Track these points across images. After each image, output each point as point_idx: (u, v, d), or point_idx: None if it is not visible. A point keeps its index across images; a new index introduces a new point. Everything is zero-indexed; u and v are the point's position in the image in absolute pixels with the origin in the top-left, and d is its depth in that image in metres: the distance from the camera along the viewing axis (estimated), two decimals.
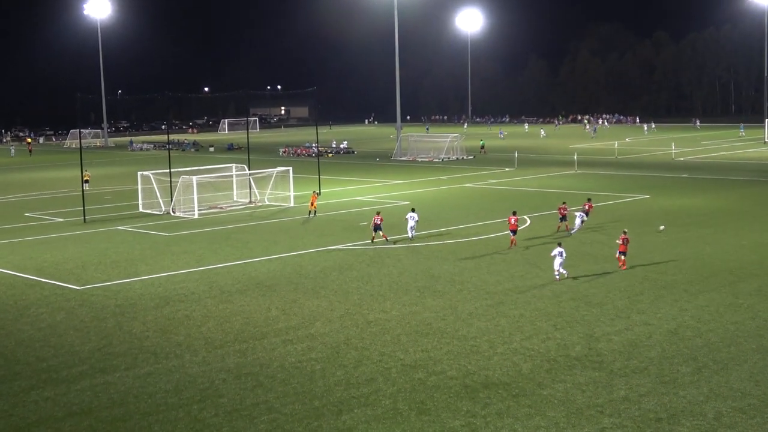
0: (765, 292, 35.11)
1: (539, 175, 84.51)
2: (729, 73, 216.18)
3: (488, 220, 55.41)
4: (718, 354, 27.37)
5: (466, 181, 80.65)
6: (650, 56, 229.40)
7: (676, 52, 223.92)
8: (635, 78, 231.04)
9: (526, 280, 38.32)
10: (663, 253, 43.62)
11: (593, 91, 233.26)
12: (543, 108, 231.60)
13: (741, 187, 70.52)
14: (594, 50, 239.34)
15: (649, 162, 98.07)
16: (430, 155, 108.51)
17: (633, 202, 63.62)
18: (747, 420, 22.21)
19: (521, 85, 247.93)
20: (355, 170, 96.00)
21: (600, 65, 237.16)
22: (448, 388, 24.98)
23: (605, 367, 26.37)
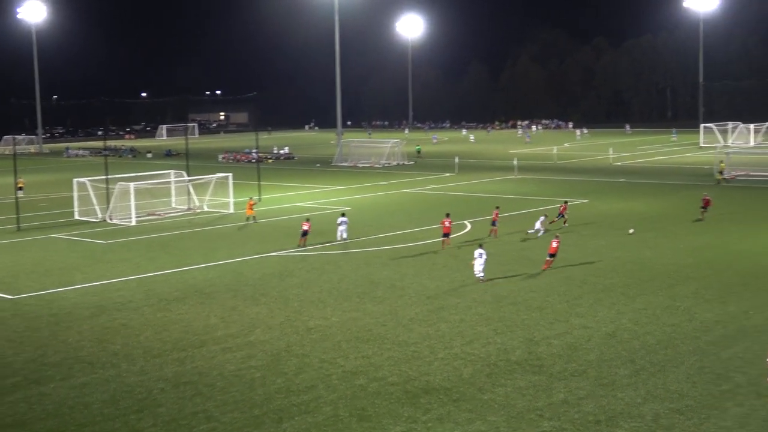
0: (701, 294, 35.63)
1: (480, 180, 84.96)
2: (665, 79, 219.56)
3: (429, 226, 55.43)
4: (656, 356, 27.67)
5: (407, 187, 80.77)
6: (590, 62, 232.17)
7: (615, 59, 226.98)
8: (575, 84, 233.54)
9: (466, 285, 38.39)
10: (601, 256, 44.07)
11: (534, 96, 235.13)
12: (484, 113, 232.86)
13: (677, 191, 71.60)
14: (534, 56, 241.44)
15: (587, 167, 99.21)
16: (371, 161, 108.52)
17: (572, 206, 64.11)
18: (684, 421, 22.46)
19: (462, 91, 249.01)
20: (296, 176, 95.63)
21: (540, 71, 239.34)
22: (389, 394, 24.89)
23: (545, 371, 26.50)
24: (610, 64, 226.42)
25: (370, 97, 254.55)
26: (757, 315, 32.30)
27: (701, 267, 41.17)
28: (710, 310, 33.13)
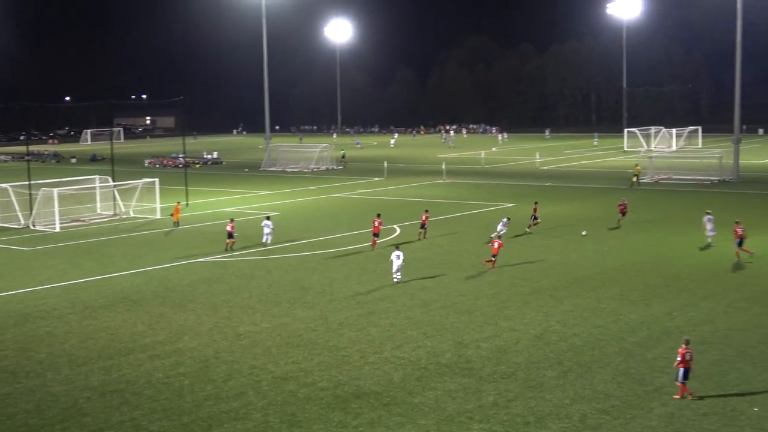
0: (626, 296, 36.26)
1: (409, 185, 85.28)
2: (590, 84, 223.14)
3: (358, 230, 55.48)
4: (583, 357, 28.07)
5: (336, 191, 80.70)
6: (516, 67, 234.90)
7: (541, 64, 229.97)
8: (502, 88, 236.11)
9: (396, 289, 38.50)
10: (529, 259, 44.55)
11: (461, 101, 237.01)
12: (412, 118, 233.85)
13: (602, 195, 72.77)
14: (462, 61, 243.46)
15: (514, 171, 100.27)
16: (300, 165, 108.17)
17: (500, 210, 64.80)
18: (611, 421, 22.82)
19: (390, 95, 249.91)
20: (224, 181, 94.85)
21: (467, 76, 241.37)
22: (320, 399, 24.83)
23: (474, 374, 26.69)
24: (536, 69, 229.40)
25: (299, 102, 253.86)
26: (680, 316, 32.98)
27: (626, 269, 41.91)
28: (635, 311, 33.74)
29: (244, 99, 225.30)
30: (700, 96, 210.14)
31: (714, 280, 38.96)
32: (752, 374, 26.16)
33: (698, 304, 34.65)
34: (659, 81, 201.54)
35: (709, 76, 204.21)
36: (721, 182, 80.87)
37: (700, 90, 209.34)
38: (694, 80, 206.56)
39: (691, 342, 27.89)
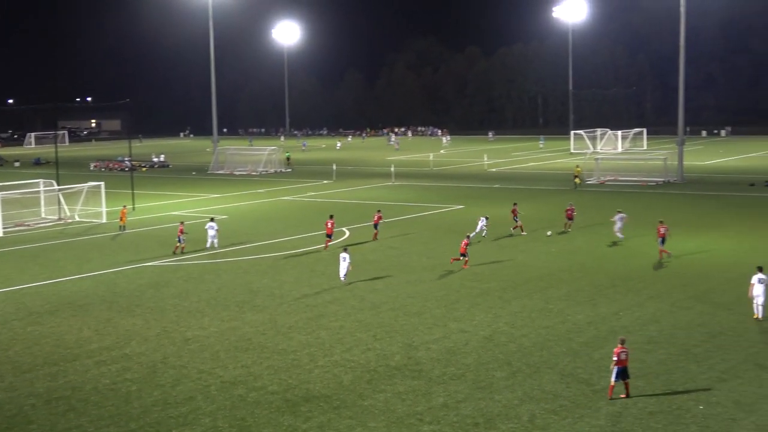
0: (573, 297, 36.62)
1: (358, 187, 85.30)
2: (537, 86, 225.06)
3: (308, 233, 55.39)
4: (531, 358, 28.29)
5: (284, 194, 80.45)
6: (463, 70, 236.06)
7: (488, 67, 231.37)
8: (449, 91, 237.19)
9: (345, 291, 38.48)
10: (477, 261, 44.78)
11: (409, 103, 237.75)
12: (360, 120, 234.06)
13: (549, 196, 73.42)
14: (409, 64, 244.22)
15: (463, 173, 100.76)
16: (248, 168, 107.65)
17: (449, 212, 65.11)
18: (559, 421, 23.02)
19: (339, 98, 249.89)
20: (171, 184, 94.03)
21: (416, 79, 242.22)
22: (269, 403, 24.73)
23: (424, 375, 26.77)
24: (483, 72, 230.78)
25: (247, 104, 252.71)
26: (626, 316, 33.39)
27: (573, 270, 42.32)
28: (582, 312, 34.09)
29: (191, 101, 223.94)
30: (644, 98, 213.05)
31: (660, 281, 39.50)
32: (696, 372, 26.57)
33: (644, 304, 35.11)
34: (605, 84, 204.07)
35: (654, 78, 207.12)
36: (666, 183, 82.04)
37: (645, 92, 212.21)
38: (639, 83, 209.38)
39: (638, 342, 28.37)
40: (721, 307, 34.34)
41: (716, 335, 30.44)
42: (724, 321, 32.28)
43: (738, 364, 27.24)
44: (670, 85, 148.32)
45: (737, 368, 26.88)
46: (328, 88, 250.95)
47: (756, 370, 26.61)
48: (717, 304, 34.84)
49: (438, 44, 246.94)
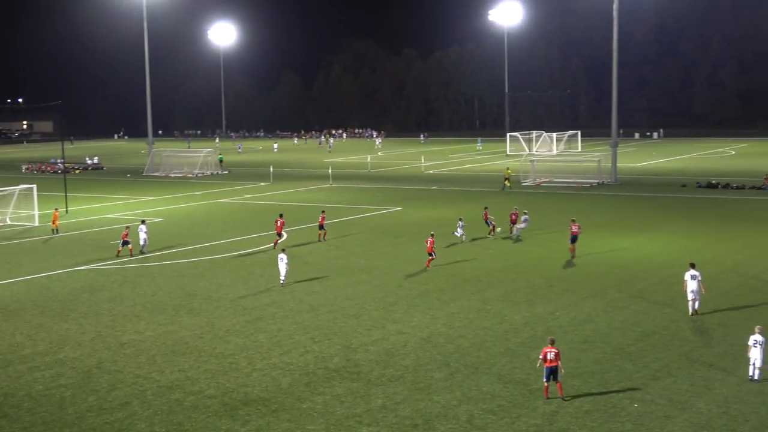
0: (510, 297, 36.93)
1: (295, 190, 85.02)
2: (473, 89, 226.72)
3: (244, 236, 55.05)
4: (469, 358, 28.45)
5: (222, 197, 79.84)
6: (400, 72, 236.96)
7: (424, 69, 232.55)
8: (386, 93, 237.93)
9: (283, 294, 38.32)
10: (415, 263, 44.93)
11: (347, 105, 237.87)
12: (298, 122, 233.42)
13: (486, 198, 73.87)
14: (347, 66, 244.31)
15: (400, 175, 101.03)
16: (184, 170, 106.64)
17: (386, 214, 65.21)
18: (497, 421, 23.19)
19: (276, 100, 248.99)
20: (106, 187, 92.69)
21: (353, 80, 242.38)
22: (207, 407, 24.52)
23: (363, 378, 26.77)
24: (420, 74, 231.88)
25: (182, 105, 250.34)
26: (562, 316, 33.77)
27: (509, 271, 42.68)
28: (519, 312, 34.39)
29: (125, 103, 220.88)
30: (578, 101, 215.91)
31: (595, 281, 40.02)
32: (631, 371, 26.96)
33: (580, 304, 35.55)
34: (540, 86, 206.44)
35: (588, 81, 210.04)
36: (600, 185, 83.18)
37: (579, 95, 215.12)
38: (573, 86, 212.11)
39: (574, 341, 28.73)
40: (654, 307, 34.92)
41: (650, 334, 30.94)
42: (657, 320, 32.83)
43: (671, 363, 27.70)
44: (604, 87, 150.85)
45: (671, 366, 27.34)
46: (264, 89, 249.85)
47: (689, 368, 27.09)
48: (651, 304, 35.41)
49: (375, 46, 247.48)
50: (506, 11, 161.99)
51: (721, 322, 32.28)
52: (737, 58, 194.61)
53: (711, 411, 23.61)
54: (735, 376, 26.24)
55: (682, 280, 34.10)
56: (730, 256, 45.42)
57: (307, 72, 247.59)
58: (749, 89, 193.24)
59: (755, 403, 24.07)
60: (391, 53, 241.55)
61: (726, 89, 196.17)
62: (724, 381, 25.90)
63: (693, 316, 33.30)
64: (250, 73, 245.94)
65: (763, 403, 24.03)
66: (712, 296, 35.91)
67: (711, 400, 24.37)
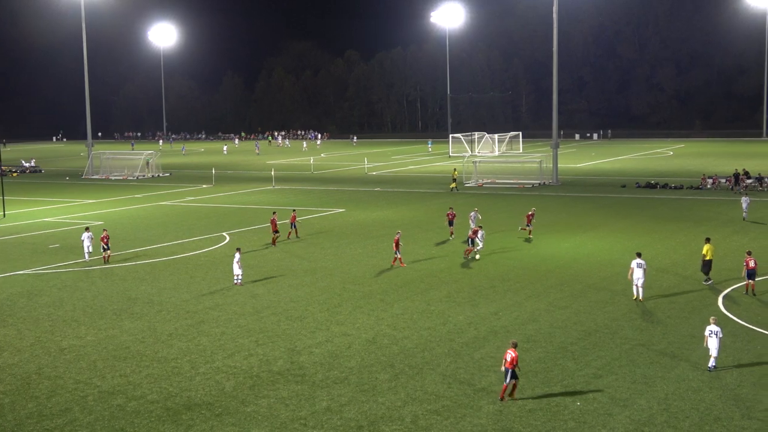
0: (454, 298, 37.09)
1: (238, 192, 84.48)
2: (416, 90, 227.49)
3: (187, 239, 54.56)
4: (414, 359, 28.51)
5: (163, 199, 79.02)
6: (342, 74, 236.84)
7: (367, 71, 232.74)
8: (329, 95, 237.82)
9: (226, 297, 38.04)
10: (359, 264, 44.94)
11: (289, 107, 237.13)
12: (240, 124, 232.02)
13: (428, 199, 74.20)
14: (288, 67, 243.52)
15: (344, 177, 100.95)
16: (125, 173, 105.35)
17: (330, 215, 65.10)
18: (441, 421, 23.27)
19: (217, 101, 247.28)
20: (44, 190, 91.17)
21: (295, 82, 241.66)
22: (149, 412, 24.24)
23: (307, 380, 26.69)
24: (363, 76, 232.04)
25: (122, 107, 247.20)
26: (505, 316, 34.01)
27: (452, 271, 42.87)
28: (462, 312, 34.56)
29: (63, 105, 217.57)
30: (520, 102, 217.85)
31: (538, 280, 40.37)
32: (574, 370, 27.24)
33: (523, 304, 35.84)
34: (481, 88, 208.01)
35: (528, 83, 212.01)
36: (542, 186, 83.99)
37: (520, 97, 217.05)
38: (515, 87, 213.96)
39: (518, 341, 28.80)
40: (596, 305, 35.34)
41: (592, 333, 31.30)
42: (599, 319, 33.23)
43: (613, 361, 28.05)
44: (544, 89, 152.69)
45: (612, 364, 27.68)
46: (206, 91, 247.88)
47: (630, 366, 27.44)
48: (592, 302, 35.83)
49: (317, 48, 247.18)
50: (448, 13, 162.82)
51: (660, 321, 32.79)
52: (674, 59, 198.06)
53: (652, 408, 23.96)
54: (675, 373, 26.66)
55: (624, 279, 34.60)
56: (668, 255, 46.15)
57: (249, 73, 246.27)
58: (686, 90, 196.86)
59: (695, 399, 24.47)
60: (333, 55, 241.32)
61: (663, 91, 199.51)
62: (665, 378, 26.29)
63: (636, 301, 34.93)
64: (192, 75, 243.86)
65: (702, 399, 24.45)
66: (651, 295, 36.52)
67: (652, 397, 24.72)
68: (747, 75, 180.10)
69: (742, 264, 37.28)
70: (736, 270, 40.33)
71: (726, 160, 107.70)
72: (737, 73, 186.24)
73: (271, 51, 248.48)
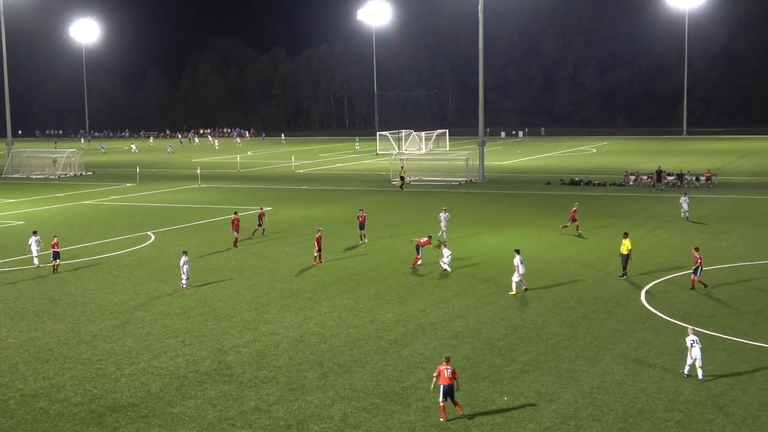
0: (382, 295, 37.18)
1: (163, 190, 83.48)
2: (343, 88, 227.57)
3: (111, 238, 53.72)
4: (342, 357, 28.51)
5: (86, 198, 77.69)
6: (268, 71, 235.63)
7: (293, 68, 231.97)
8: (255, 92, 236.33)
9: (152, 297, 37.57)
10: (287, 263, 44.78)
11: (214, 104, 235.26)
12: (165, 122, 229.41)
13: (356, 197, 74.25)
14: (213, 64, 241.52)
15: (271, 175, 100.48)
16: (46, 172, 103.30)
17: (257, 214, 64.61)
18: (371, 419, 23.30)
19: (141, 99, 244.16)
20: None
21: (220, 79, 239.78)
22: (74, 415, 23.83)
23: (235, 380, 26.49)
24: (289, 73, 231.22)
25: (43, 105, 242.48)
26: (433, 312, 34.19)
27: (381, 269, 42.95)
28: (391, 310, 34.65)
29: None
30: (446, 101, 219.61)
31: (465, 277, 40.67)
32: (501, 365, 27.51)
33: (450, 301, 36.07)
34: (408, 86, 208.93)
35: (455, 81, 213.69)
36: (468, 183, 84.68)
37: (447, 95, 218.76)
38: (441, 85, 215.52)
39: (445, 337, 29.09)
40: (522, 301, 35.76)
41: (518, 328, 31.65)
42: (525, 314, 33.62)
43: (539, 356, 28.40)
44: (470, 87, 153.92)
45: (538, 359, 28.03)
46: (129, 88, 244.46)
47: (555, 361, 27.82)
48: (519, 299, 36.24)
49: (242, 45, 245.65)
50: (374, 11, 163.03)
51: (585, 316, 33.30)
52: (597, 59, 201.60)
53: (578, 402, 24.31)
54: (600, 367, 27.10)
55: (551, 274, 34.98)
56: (592, 251, 46.88)
57: (174, 71, 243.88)
58: (609, 89, 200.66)
59: (619, 393, 24.90)
60: (258, 52, 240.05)
61: (587, 89, 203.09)
62: (590, 372, 26.71)
63: (514, 296, 36.37)
64: (115, 72, 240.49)
65: (626, 392, 24.89)
66: (575, 290, 37.12)
67: (577, 391, 25.09)
68: (667, 74, 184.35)
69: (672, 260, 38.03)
70: (658, 265, 41.19)
71: (647, 157, 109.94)
72: (658, 72, 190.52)
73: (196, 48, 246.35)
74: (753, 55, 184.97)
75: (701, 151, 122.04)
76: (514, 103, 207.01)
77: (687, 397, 24.47)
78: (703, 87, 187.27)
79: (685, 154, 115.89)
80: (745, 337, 30.10)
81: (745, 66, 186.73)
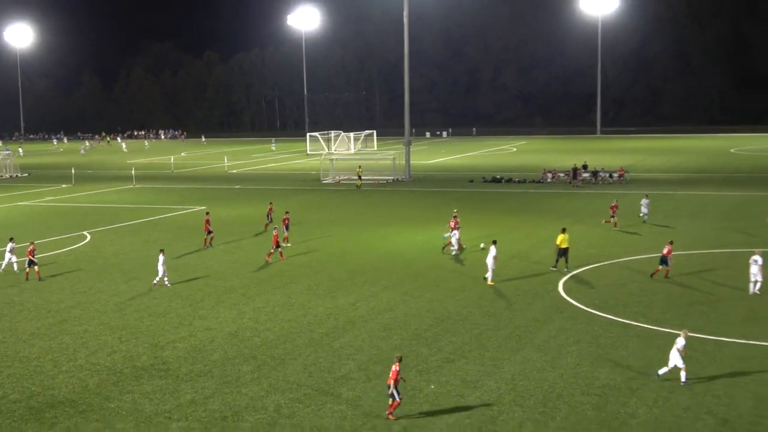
0: (314, 290, 38.15)
1: (98, 191, 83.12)
2: (274, 91, 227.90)
3: (47, 238, 53.64)
4: (275, 350, 29.41)
5: (21, 200, 77.06)
6: (202, 75, 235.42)
7: (226, 72, 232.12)
8: (189, 95, 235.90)
9: (89, 296, 37.99)
10: (221, 260, 45.42)
11: (149, 107, 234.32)
12: (99, 124, 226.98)
13: (289, 195, 74.83)
14: (148, 68, 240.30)
15: (204, 175, 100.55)
16: None
17: (191, 213, 65.03)
18: (303, 409, 24.19)
19: (76, 102, 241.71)
20: None
21: (154, 82, 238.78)
22: (12, 412, 24.30)
23: (171, 374, 27.19)
24: (222, 76, 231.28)
25: None
26: (362, 306, 35.22)
27: (313, 265, 43.86)
28: (322, 304, 35.62)
29: None
30: (374, 102, 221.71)
31: (393, 272, 41.75)
32: (427, 355, 28.64)
33: (379, 294, 37.17)
34: (337, 88, 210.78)
35: (382, 84, 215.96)
36: (396, 181, 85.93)
37: (374, 97, 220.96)
38: (369, 87, 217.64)
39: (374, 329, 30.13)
40: (448, 294, 36.97)
41: (444, 320, 32.87)
42: (450, 306, 34.83)
43: (463, 345, 29.59)
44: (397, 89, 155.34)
45: (463, 349, 29.19)
46: (65, 91, 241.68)
47: (479, 350, 29.00)
48: (444, 291, 37.44)
49: (175, 49, 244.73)
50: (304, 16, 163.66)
51: (507, 306, 34.67)
52: (516, 62, 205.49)
53: (500, 388, 25.42)
54: (521, 355, 28.39)
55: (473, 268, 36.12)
56: (513, 245, 48.18)
57: (108, 74, 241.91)
58: (528, 91, 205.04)
59: (539, 379, 26.13)
60: (192, 56, 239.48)
61: (507, 90, 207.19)
62: (511, 360, 27.93)
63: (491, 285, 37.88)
64: (49, 74, 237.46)
65: (546, 378, 26.14)
66: (498, 281, 38.51)
67: (500, 379, 26.23)
68: (582, 77, 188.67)
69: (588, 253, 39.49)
70: (575, 258, 42.40)
71: (564, 155, 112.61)
72: (574, 74, 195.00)
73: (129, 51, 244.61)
74: (663, 57, 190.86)
75: (615, 150, 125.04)
76: (439, 104, 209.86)
77: (602, 382, 25.74)
78: (616, 89, 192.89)
79: (600, 152, 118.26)
80: (655, 324, 31.73)
81: (655, 68, 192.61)
